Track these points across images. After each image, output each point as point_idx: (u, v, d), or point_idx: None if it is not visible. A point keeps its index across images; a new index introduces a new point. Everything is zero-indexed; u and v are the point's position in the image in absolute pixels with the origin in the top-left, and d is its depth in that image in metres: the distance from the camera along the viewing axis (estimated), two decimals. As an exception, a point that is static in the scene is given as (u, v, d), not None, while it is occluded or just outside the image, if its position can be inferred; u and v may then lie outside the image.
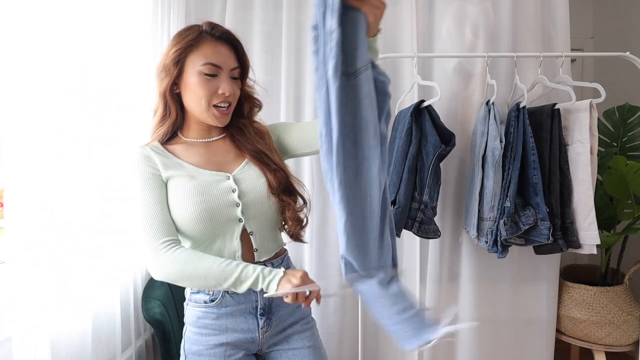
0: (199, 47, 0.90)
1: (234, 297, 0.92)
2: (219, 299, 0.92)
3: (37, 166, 1.01)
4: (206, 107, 0.92)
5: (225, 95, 0.92)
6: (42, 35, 1.02)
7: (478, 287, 1.83)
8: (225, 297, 0.92)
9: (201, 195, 0.89)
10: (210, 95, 0.91)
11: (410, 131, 1.52)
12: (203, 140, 1.00)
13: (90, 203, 1.22)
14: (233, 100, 0.96)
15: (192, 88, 0.91)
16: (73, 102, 1.15)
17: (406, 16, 1.85)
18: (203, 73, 0.90)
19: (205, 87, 0.90)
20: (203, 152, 0.98)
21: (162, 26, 1.70)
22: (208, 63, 0.90)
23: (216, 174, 0.94)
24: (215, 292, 0.92)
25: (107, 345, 1.33)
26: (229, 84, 0.92)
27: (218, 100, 0.92)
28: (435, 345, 2.03)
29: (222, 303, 0.92)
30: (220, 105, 0.93)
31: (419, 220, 1.54)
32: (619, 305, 1.71)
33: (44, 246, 1.03)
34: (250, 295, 0.93)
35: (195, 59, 0.90)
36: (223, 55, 0.92)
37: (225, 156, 0.99)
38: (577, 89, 1.53)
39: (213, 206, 0.89)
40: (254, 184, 0.95)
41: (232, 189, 0.93)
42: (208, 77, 0.90)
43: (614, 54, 1.55)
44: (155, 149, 0.96)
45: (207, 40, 0.91)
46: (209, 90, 0.90)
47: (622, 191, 1.70)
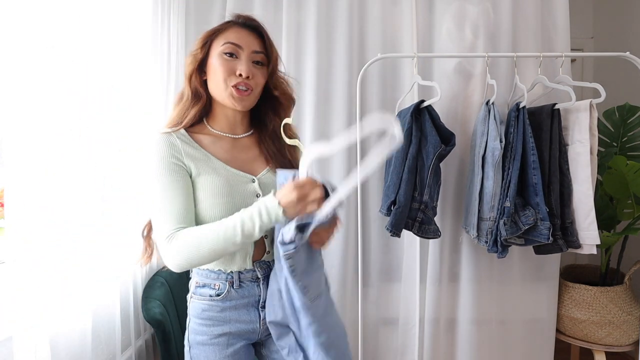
0: (224, 32, 0.93)
1: (238, 292, 0.94)
2: (225, 294, 0.94)
3: (37, 166, 1.01)
4: (224, 87, 0.90)
5: (243, 76, 0.90)
6: (42, 35, 1.02)
7: (478, 287, 1.83)
8: (231, 291, 0.94)
9: (228, 196, 0.89)
10: (228, 75, 0.90)
11: (410, 131, 1.52)
12: (230, 135, 0.98)
13: (90, 203, 1.22)
14: (254, 85, 0.93)
15: (213, 69, 0.92)
16: (73, 102, 1.15)
17: (406, 16, 1.86)
18: (223, 53, 0.90)
19: (223, 67, 0.90)
20: (229, 148, 0.96)
21: (162, 26, 1.70)
22: (227, 42, 0.90)
23: (242, 174, 0.94)
24: (221, 287, 0.94)
25: (107, 345, 1.33)
26: (248, 66, 0.91)
27: (236, 81, 0.90)
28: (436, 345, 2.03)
29: (227, 297, 0.94)
30: (237, 86, 0.91)
31: (419, 220, 1.54)
32: (619, 305, 1.71)
33: (44, 246, 1.03)
34: (253, 290, 0.96)
35: (219, 41, 0.92)
36: (245, 37, 0.92)
37: (249, 155, 0.98)
38: (577, 89, 1.53)
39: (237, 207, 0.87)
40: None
41: (256, 193, 0.93)
42: (228, 58, 0.90)
43: (614, 54, 1.55)
44: (182, 137, 0.93)
45: (231, 26, 0.94)
46: (227, 69, 0.90)
47: (622, 191, 1.70)
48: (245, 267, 0.94)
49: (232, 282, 0.94)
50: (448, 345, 1.90)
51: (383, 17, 1.88)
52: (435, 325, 1.88)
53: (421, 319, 1.88)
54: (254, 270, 0.95)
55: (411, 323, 1.89)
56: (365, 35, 1.90)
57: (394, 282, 1.92)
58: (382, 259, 1.91)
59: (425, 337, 1.88)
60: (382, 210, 1.64)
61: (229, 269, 0.94)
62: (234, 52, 0.91)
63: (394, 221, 1.51)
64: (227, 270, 0.94)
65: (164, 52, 1.73)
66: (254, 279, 0.96)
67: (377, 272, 1.91)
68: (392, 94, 1.88)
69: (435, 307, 1.87)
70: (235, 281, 0.94)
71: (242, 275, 0.95)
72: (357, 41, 1.89)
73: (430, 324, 1.87)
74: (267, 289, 0.96)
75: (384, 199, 1.63)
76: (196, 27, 1.96)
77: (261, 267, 0.96)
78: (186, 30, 1.93)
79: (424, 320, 1.88)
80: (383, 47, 1.87)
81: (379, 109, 1.88)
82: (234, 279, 0.94)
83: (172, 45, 1.79)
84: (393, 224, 1.51)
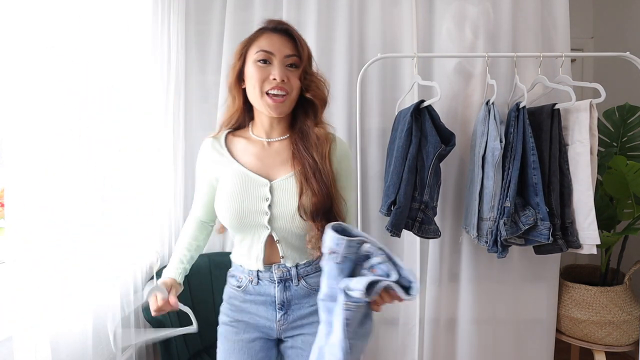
0: (256, 40, 0.95)
1: (255, 288, 1.00)
2: (244, 286, 1.01)
3: (37, 166, 1.01)
4: (260, 94, 0.93)
5: (277, 81, 0.91)
6: (42, 35, 1.02)
7: (478, 287, 1.83)
8: (249, 286, 1.01)
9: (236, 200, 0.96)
10: (262, 81, 0.92)
11: (410, 131, 1.52)
12: (264, 139, 1.02)
13: (90, 203, 1.22)
14: (289, 89, 0.94)
15: (249, 77, 0.95)
16: (73, 102, 1.14)
17: (406, 16, 1.86)
18: (256, 61, 0.93)
19: (257, 74, 0.92)
20: (257, 152, 1.00)
21: (162, 26, 1.70)
22: (260, 50, 0.93)
23: (258, 178, 0.97)
24: (242, 280, 1.02)
25: (107, 345, 1.33)
26: (281, 70, 0.92)
27: (270, 87, 0.92)
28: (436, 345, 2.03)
29: (246, 290, 1.01)
30: (273, 93, 0.92)
31: (419, 220, 1.54)
32: (619, 305, 1.71)
33: (44, 246, 1.03)
34: (270, 289, 0.99)
35: (252, 50, 0.95)
36: (276, 43, 0.94)
37: (276, 160, 0.99)
38: (577, 89, 1.53)
39: (243, 209, 0.95)
40: (286, 200, 0.94)
41: (265, 197, 0.95)
42: (261, 65, 0.93)
43: (614, 54, 1.55)
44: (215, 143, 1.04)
45: (263, 33, 0.96)
46: (260, 76, 0.92)
47: (622, 191, 1.70)
48: (258, 267, 0.99)
49: (251, 280, 1.00)
50: (448, 345, 1.90)
51: (383, 17, 1.88)
52: (435, 325, 1.88)
53: (421, 319, 1.88)
54: (270, 271, 0.98)
55: (411, 323, 1.89)
56: (365, 35, 1.90)
57: (394, 282, 1.91)
58: (382, 259, 1.91)
59: (425, 337, 1.88)
60: (382, 210, 1.64)
61: (247, 267, 1.01)
62: (266, 59, 0.93)
63: (394, 221, 1.51)
64: (247, 268, 1.01)
65: (164, 52, 1.73)
66: (271, 280, 0.99)
67: (377, 272, 1.91)
68: (392, 94, 1.88)
69: (435, 307, 1.87)
70: (254, 279, 0.99)
71: (261, 274, 0.99)
72: (357, 41, 1.89)
73: (430, 324, 1.87)
74: (283, 292, 0.99)
75: (384, 199, 1.63)
76: (196, 27, 1.96)
77: (279, 269, 0.98)
78: (186, 30, 1.93)
79: (424, 320, 1.88)
80: (383, 47, 1.87)
81: (379, 108, 1.88)
82: (253, 276, 1.00)
83: (172, 45, 1.79)
84: (393, 224, 1.51)
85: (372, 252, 0.78)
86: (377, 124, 1.88)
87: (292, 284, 0.98)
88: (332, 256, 0.77)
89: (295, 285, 0.98)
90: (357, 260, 0.79)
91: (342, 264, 0.78)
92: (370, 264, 0.78)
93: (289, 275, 0.98)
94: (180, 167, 1.88)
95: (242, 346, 1.00)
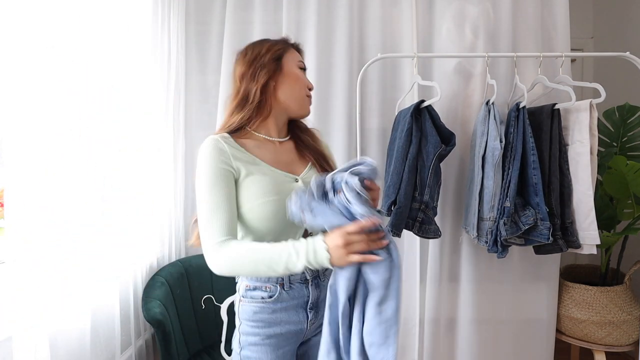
0: (290, 50, 1.07)
1: (289, 293, 0.97)
2: (277, 296, 0.97)
3: (37, 166, 1.01)
4: (303, 96, 1.05)
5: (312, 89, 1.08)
6: (42, 35, 1.02)
7: (478, 287, 1.83)
8: (282, 293, 0.97)
9: (277, 195, 0.93)
10: (306, 86, 1.06)
11: (410, 131, 1.52)
12: (274, 139, 1.04)
13: (90, 203, 1.22)
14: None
15: (294, 78, 1.03)
16: (73, 102, 1.15)
17: (406, 16, 1.86)
18: (299, 67, 1.06)
19: (304, 79, 1.06)
20: (273, 151, 1.02)
21: (162, 26, 1.70)
22: (300, 60, 1.08)
23: (286, 174, 0.99)
24: (272, 289, 0.97)
25: (106, 345, 1.33)
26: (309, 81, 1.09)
27: (309, 92, 1.07)
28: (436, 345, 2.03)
29: (279, 299, 0.97)
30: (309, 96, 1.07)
31: (419, 220, 1.54)
32: (619, 305, 1.71)
33: (44, 246, 1.03)
34: (302, 291, 0.99)
35: (291, 57, 1.05)
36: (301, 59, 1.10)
37: (290, 157, 1.05)
38: (577, 89, 1.53)
39: (283, 206, 0.92)
40: None
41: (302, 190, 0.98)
42: (302, 72, 1.07)
43: (614, 54, 1.55)
44: (227, 140, 0.97)
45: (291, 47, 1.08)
46: (306, 80, 1.06)
47: (622, 191, 1.70)
48: None
49: (282, 284, 0.97)
50: (448, 345, 1.90)
51: (383, 17, 1.88)
52: (435, 325, 1.88)
53: (421, 319, 1.88)
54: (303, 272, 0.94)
55: (411, 323, 1.89)
56: (365, 35, 1.90)
57: (394, 282, 1.91)
58: (382, 259, 1.91)
59: (425, 337, 1.88)
60: (383, 210, 1.64)
61: None
62: (304, 69, 1.09)
63: (394, 221, 1.51)
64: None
65: (164, 52, 1.73)
66: (302, 281, 0.99)
67: (377, 272, 1.91)
68: (392, 94, 1.88)
69: (435, 307, 1.87)
70: (286, 283, 0.97)
71: (292, 277, 0.97)
72: (357, 41, 1.89)
73: (430, 324, 1.87)
74: (316, 290, 1.00)
75: (384, 199, 1.63)
76: (196, 27, 1.96)
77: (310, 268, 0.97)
78: (186, 30, 1.93)
79: (424, 320, 1.88)
80: (383, 47, 1.87)
81: (379, 108, 1.88)
82: (284, 280, 0.97)
83: (172, 45, 1.79)
84: (393, 224, 1.51)
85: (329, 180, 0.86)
86: (377, 124, 1.88)
87: (320, 281, 1.01)
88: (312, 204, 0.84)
89: (322, 281, 1.01)
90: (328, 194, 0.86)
91: (321, 205, 0.84)
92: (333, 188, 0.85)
93: (318, 272, 1.01)
94: (180, 167, 1.88)
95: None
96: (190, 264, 1.75)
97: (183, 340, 1.57)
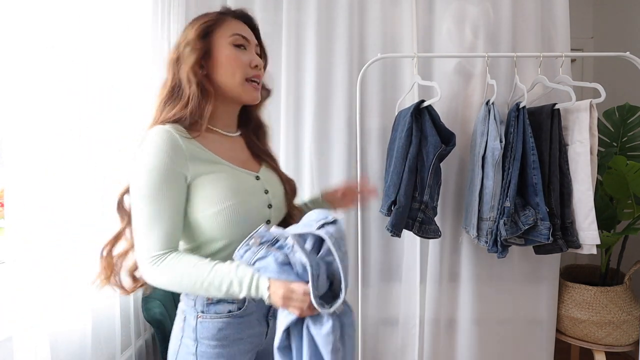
0: (223, 23, 0.89)
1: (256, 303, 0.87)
2: (245, 307, 0.86)
3: (37, 166, 1.01)
4: (241, 81, 0.87)
5: (258, 68, 0.89)
6: (42, 35, 1.02)
7: (478, 287, 1.83)
8: (250, 303, 0.86)
9: (238, 197, 0.83)
10: (245, 68, 0.87)
11: (410, 131, 1.52)
12: (229, 134, 0.93)
13: (90, 203, 1.22)
14: (262, 75, 0.92)
15: (224, 62, 0.86)
16: (73, 102, 1.15)
17: (406, 16, 1.86)
18: (233, 44, 0.87)
19: (239, 59, 0.87)
20: (229, 147, 0.90)
21: (162, 26, 1.70)
22: (236, 34, 0.88)
23: (246, 172, 0.89)
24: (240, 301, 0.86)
25: (106, 346, 1.33)
26: (256, 57, 0.90)
27: (252, 74, 0.89)
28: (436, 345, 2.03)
29: (246, 310, 0.86)
30: (253, 80, 0.90)
31: (419, 220, 1.54)
32: (619, 305, 1.71)
33: (44, 246, 1.03)
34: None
35: (223, 32, 0.87)
36: (246, 30, 0.91)
37: (245, 154, 0.95)
38: (577, 89, 1.53)
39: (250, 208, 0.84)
40: (278, 188, 0.94)
41: (264, 189, 0.90)
42: (238, 50, 0.88)
43: (614, 54, 1.55)
44: (182, 133, 0.82)
45: (228, 17, 0.90)
46: (243, 61, 0.87)
47: (622, 191, 1.70)
48: None
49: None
50: (448, 345, 1.90)
51: (383, 17, 1.88)
52: (435, 325, 1.88)
53: (421, 319, 1.88)
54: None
55: (411, 323, 1.89)
56: (365, 35, 1.90)
57: (394, 282, 1.92)
58: (382, 259, 1.91)
59: (425, 337, 1.88)
60: (383, 210, 1.64)
61: None
62: (243, 44, 0.89)
63: (394, 221, 1.51)
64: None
65: (164, 52, 1.72)
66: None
67: (377, 272, 1.91)
68: (392, 94, 1.88)
69: (435, 307, 1.87)
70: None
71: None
72: (357, 41, 1.89)
73: (430, 324, 1.87)
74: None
75: (384, 199, 1.63)
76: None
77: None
78: (186, 30, 1.93)
79: (424, 320, 1.88)
80: (383, 47, 1.87)
81: (379, 109, 1.88)
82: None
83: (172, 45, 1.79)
84: (393, 224, 1.51)
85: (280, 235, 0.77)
86: (377, 124, 1.88)
87: None
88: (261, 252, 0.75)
89: None
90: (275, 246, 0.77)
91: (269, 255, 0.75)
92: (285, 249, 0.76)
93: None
94: (180, 167, 1.88)
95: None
96: (190, 264, 1.75)
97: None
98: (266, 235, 0.76)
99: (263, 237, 0.76)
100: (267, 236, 0.76)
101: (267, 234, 0.77)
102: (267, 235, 0.77)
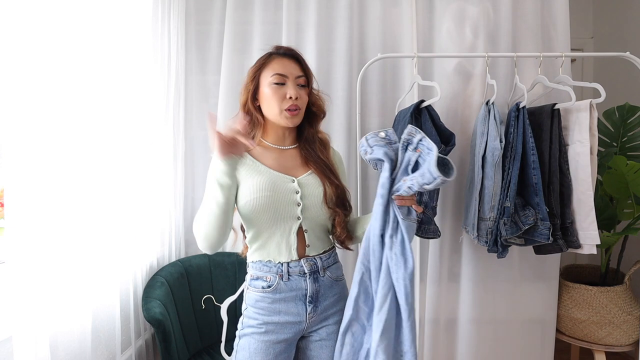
0: (269, 64, 1.10)
1: (287, 284, 1.05)
2: (274, 286, 1.05)
3: (37, 166, 1.01)
4: (279, 112, 1.08)
5: (293, 99, 1.07)
6: (42, 35, 1.02)
7: (478, 287, 1.83)
8: (280, 284, 1.05)
9: (270, 191, 1.04)
10: (281, 101, 1.07)
11: (410, 131, 1.52)
12: (278, 146, 1.14)
13: (90, 203, 1.22)
14: (301, 104, 1.10)
15: (266, 98, 1.09)
16: (73, 102, 1.15)
17: (406, 16, 1.86)
18: (273, 83, 1.08)
19: (276, 95, 1.07)
20: (276, 157, 1.12)
21: (162, 26, 1.70)
22: (275, 74, 1.08)
23: (283, 176, 1.08)
24: (271, 279, 1.05)
25: (106, 345, 1.33)
26: (295, 89, 1.08)
27: (287, 105, 1.07)
28: (436, 345, 2.02)
29: (277, 289, 1.05)
30: (289, 109, 1.08)
31: (419, 220, 1.54)
32: (619, 305, 1.71)
33: (44, 246, 1.03)
34: (300, 283, 1.06)
35: (267, 73, 1.09)
36: (288, 66, 1.10)
37: (293, 163, 1.14)
38: (577, 89, 1.53)
39: (278, 200, 1.04)
40: (314, 191, 1.09)
41: (295, 190, 1.07)
42: (277, 86, 1.08)
43: (614, 54, 1.55)
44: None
45: (274, 58, 1.11)
46: (279, 96, 1.07)
47: (622, 191, 1.70)
48: (291, 257, 1.06)
49: (281, 276, 1.05)
50: (448, 345, 1.90)
51: (383, 17, 1.88)
52: (435, 325, 1.88)
53: (421, 319, 1.88)
54: (300, 265, 1.06)
55: (411, 323, 1.89)
56: (365, 35, 1.90)
57: (394, 282, 1.91)
58: (382, 259, 1.91)
59: (425, 337, 1.88)
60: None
61: (278, 260, 1.06)
62: (281, 81, 1.08)
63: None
64: (276, 261, 1.06)
65: (164, 52, 1.73)
66: (301, 274, 1.06)
67: (377, 272, 1.91)
68: (392, 94, 1.88)
69: (435, 307, 1.87)
70: (285, 274, 1.05)
71: (291, 269, 1.05)
72: (357, 41, 1.89)
73: (430, 323, 1.87)
74: (314, 284, 1.07)
75: (384, 199, 1.62)
76: (196, 27, 1.96)
77: (307, 262, 1.07)
78: (186, 30, 1.93)
79: (424, 320, 1.88)
80: (383, 47, 1.87)
81: (379, 109, 1.88)
82: (284, 272, 1.05)
83: (172, 45, 1.79)
84: (393, 224, 1.51)
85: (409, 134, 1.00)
86: (377, 124, 1.88)
87: (319, 276, 1.08)
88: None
89: (322, 276, 1.08)
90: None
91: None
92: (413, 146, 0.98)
93: (317, 267, 1.08)
94: (180, 167, 1.89)
95: (267, 346, 1.04)
96: (190, 264, 1.75)
97: (183, 340, 1.57)
98: (390, 135, 1.05)
99: (388, 134, 1.05)
100: (390, 135, 1.05)
101: (393, 136, 1.05)
102: (392, 135, 1.05)
